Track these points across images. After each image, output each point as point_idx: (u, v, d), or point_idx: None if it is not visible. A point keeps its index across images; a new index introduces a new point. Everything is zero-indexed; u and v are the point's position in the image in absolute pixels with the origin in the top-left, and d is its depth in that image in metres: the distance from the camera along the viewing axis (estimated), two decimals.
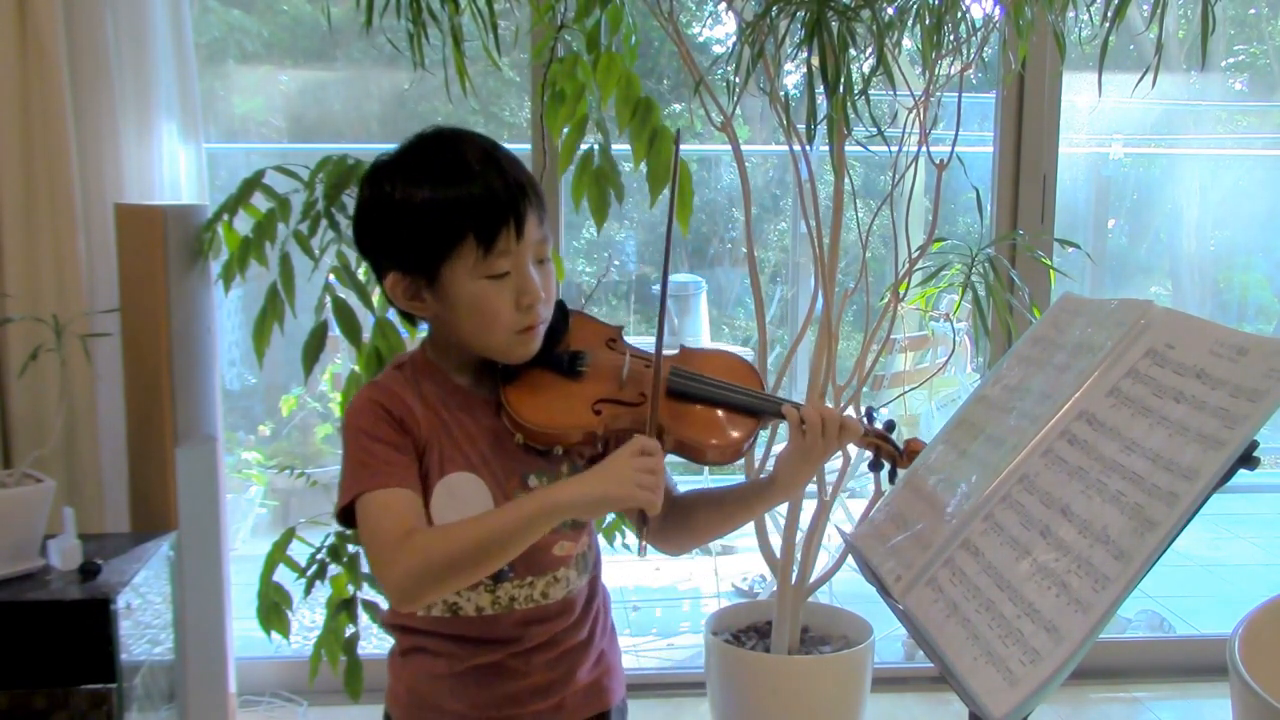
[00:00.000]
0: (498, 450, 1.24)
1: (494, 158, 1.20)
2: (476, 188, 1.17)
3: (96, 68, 2.41)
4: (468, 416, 1.25)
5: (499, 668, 1.26)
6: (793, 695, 2.29)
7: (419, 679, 1.29)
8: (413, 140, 1.24)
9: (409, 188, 1.18)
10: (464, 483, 1.22)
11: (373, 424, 1.20)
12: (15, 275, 2.40)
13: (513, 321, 1.20)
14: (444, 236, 1.17)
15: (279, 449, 4.73)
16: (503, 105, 4.90)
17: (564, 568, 1.28)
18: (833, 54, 1.98)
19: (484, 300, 1.18)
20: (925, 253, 2.32)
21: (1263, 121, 6.18)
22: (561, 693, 1.29)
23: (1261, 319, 5.90)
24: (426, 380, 1.25)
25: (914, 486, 1.29)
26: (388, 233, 1.21)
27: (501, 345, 1.22)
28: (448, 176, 1.17)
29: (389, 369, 1.28)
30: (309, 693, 2.82)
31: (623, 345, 1.32)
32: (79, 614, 1.98)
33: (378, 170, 1.23)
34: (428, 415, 1.22)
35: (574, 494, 1.13)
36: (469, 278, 1.18)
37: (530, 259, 1.20)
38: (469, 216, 1.16)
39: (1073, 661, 0.96)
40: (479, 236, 1.16)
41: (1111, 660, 3.04)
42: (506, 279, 1.18)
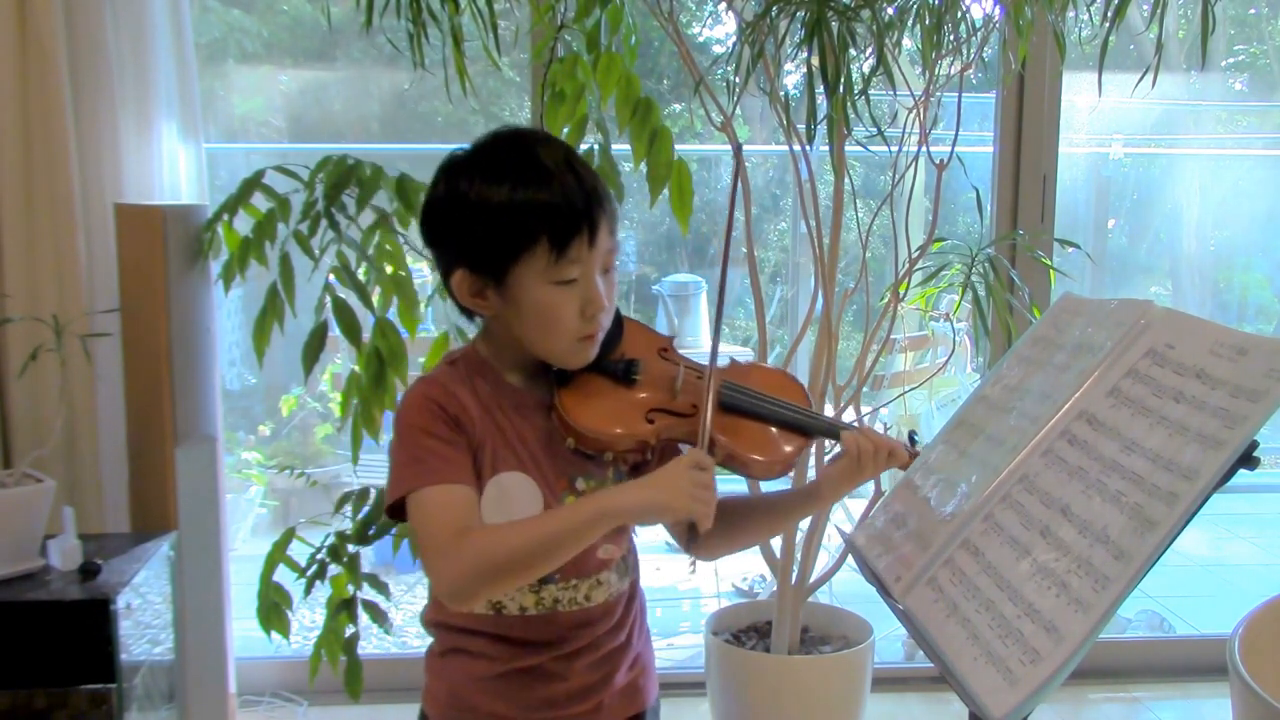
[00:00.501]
0: (548, 452, 1.25)
1: (571, 163, 1.20)
2: (554, 192, 1.17)
3: (96, 68, 2.41)
4: (519, 417, 1.25)
5: (540, 670, 1.26)
6: (793, 695, 2.29)
7: (459, 680, 1.29)
8: (489, 139, 1.23)
9: (486, 186, 1.17)
10: (515, 482, 1.23)
11: (427, 420, 1.20)
12: (15, 275, 2.40)
13: (576, 329, 1.21)
14: (517, 238, 1.16)
15: (279, 449, 4.73)
16: (503, 105, 4.90)
17: (606, 571, 1.29)
18: (833, 54, 1.98)
19: (550, 306, 1.19)
20: (925, 253, 2.32)
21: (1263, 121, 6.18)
22: (600, 695, 1.30)
23: (1261, 319, 5.89)
24: (479, 378, 1.25)
25: (914, 486, 1.29)
26: (460, 230, 1.20)
27: (561, 351, 1.23)
28: (526, 178, 1.17)
29: (442, 364, 1.28)
30: (309, 693, 2.82)
31: (674, 355, 1.33)
32: (79, 614, 1.98)
33: (453, 166, 1.22)
34: (481, 413, 1.23)
35: (631, 501, 1.14)
36: (538, 282, 1.18)
37: (598, 267, 1.20)
38: (545, 221, 1.16)
39: (1073, 661, 0.96)
40: (553, 241, 1.16)
41: (1111, 660, 3.04)
42: (573, 286, 1.19)
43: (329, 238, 2.20)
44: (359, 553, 2.35)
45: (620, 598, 1.32)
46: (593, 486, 1.27)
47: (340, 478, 4.37)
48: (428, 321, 2.70)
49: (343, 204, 2.24)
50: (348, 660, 2.35)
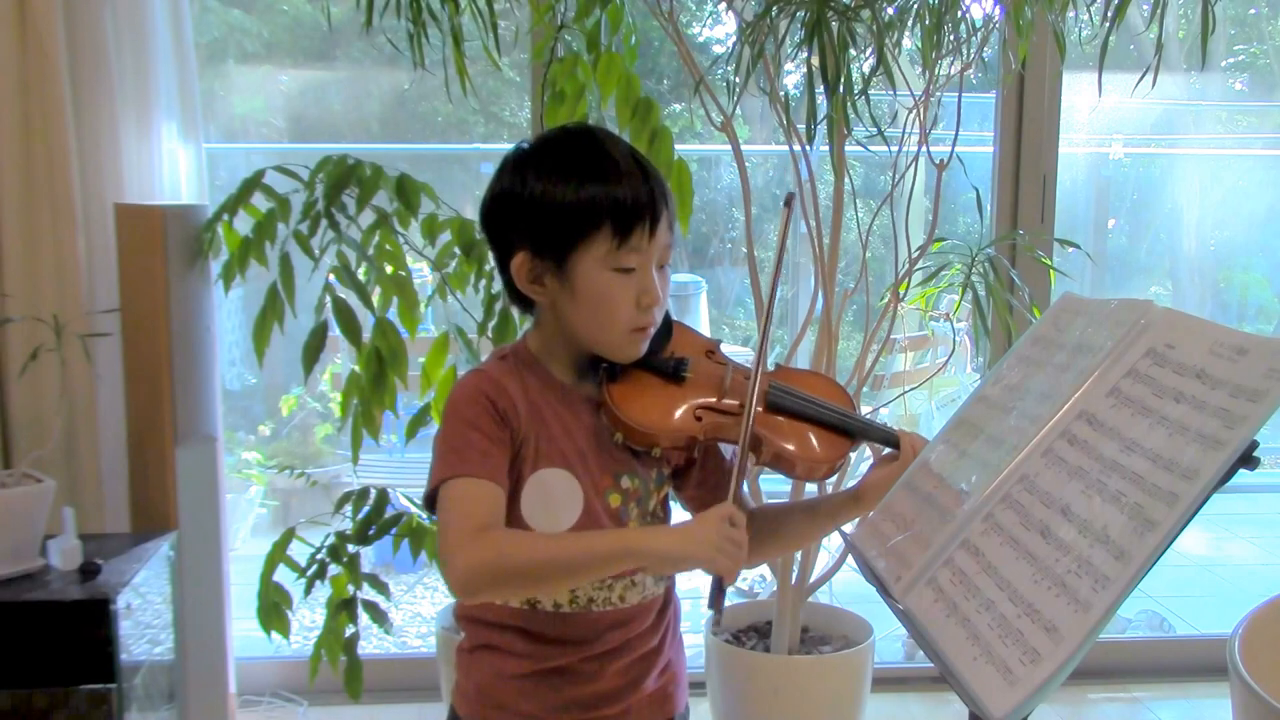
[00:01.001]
0: (594, 448, 1.26)
1: (638, 159, 1.24)
2: (621, 186, 1.20)
3: (96, 68, 2.41)
4: (567, 412, 1.26)
5: (570, 671, 1.26)
6: (793, 695, 2.29)
7: (489, 677, 1.29)
8: (559, 134, 1.27)
9: (555, 174, 1.21)
10: (556, 479, 1.24)
11: (475, 413, 1.21)
12: (15, 275, 2.40)
13: (630, 319, 1.23)
14: (582, 222, 1.19)
15: (279, 449, 4.73)
16: (503, 105, 4.90)
17: (642, 572, 1.29)
18: (833, 54, 1.98)
19: (608, 292, 1.21)
20: (925, 253, 2.32)
21: (1263, 121, 6.17)
22: (629, 699, 1.30)
23: (1261, 319, 5.89)
24: (529, 373, 1.27)
25: (913, 486, 1.29)
26: (526, 214, 1.22)
27: (614, 341, 1.25)
28: (596, 172, 1.21)
29: (493, 358, 1.30)
30: (309, 693, 2.82)
31: (721, 356, 1.35)
32: (79, 614, 1.98)
33: (521, 159, 1.25)
34: (528, 408, 1.24)
35: (658, 545, 1.16)
36: (598, 268, 1.20)
37: (655, 261, 1.23)
38: (610, 208, 1.19)
39: (1073, 661, 0.96)
40: (616, 227, 1.19)
41: (1111, 660, 3.04)
42: (631, 276, 1.21)
43: (329, 238, 2.20)
44: (359, 553, 2.35)
45: (655, 601, 1.33)
46: (636, 485, 1.28)
47: (340, 478, 4.37)
48: (428, 321, 2.70)
49: (343, 204, 2.24)
50: (348, 660, 2.35)
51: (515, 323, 2.31)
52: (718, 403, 1.28)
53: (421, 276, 2.47)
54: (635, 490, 1.29)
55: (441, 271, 2.29)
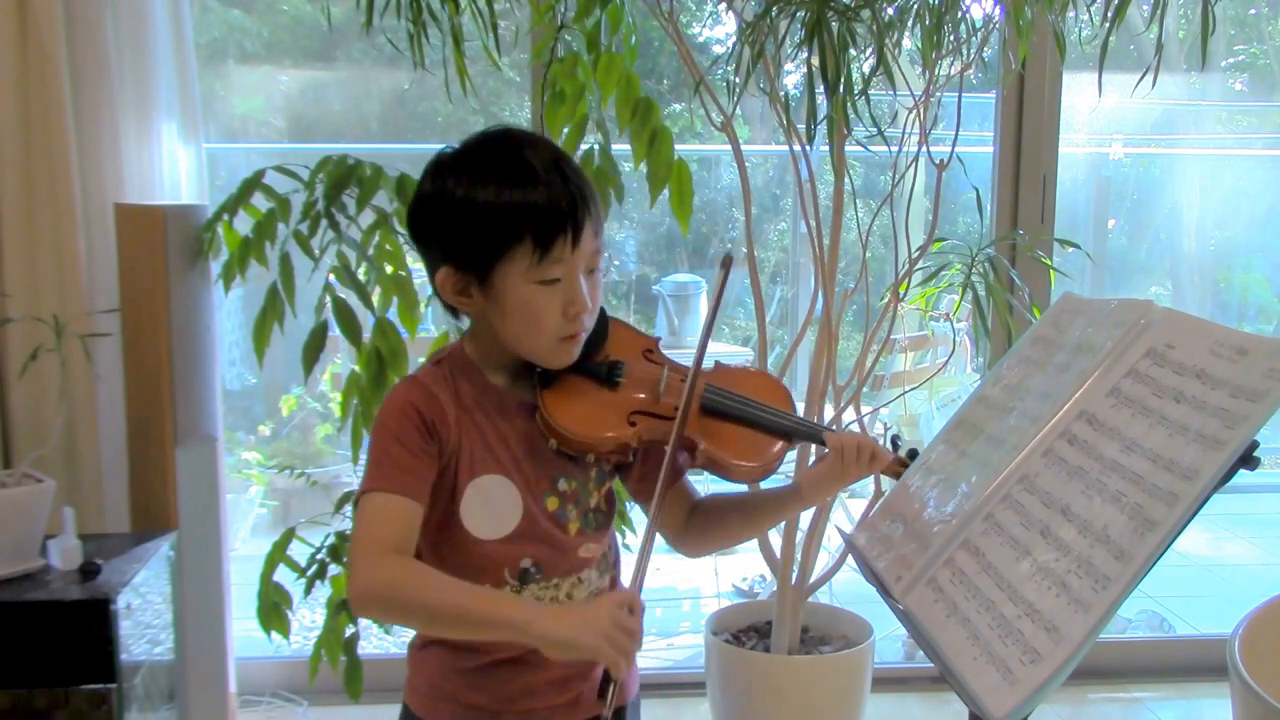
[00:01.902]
0: (530, 453, 1.26)
1: (559, 165, 1.21)
2: (540, 192, 1.18)
3: (96, 68, 2.41)
4: (501, 418, 1.26)
5: (518, 662, 1.26)
6: (793, 695, 2.29)
7: (438, 672, 1.30)
8: (479, 138, 1.24)
9: (473, 185, 1.19)
10: (494, 485, 1.23)
11: (400, 426, 1.20)
12: (15, 275, 2.40)
13: (558, 328, 1.21)
14: (501, 237, 1.17)
15: (279, 449, 4.73)
16: (503, 105, 4.90)
17: (587, 569, 1.30)
18: (833, 54, 1.98)
19: (532, 305, 1.19)
20: (925, 253, 2.32)
21: (1263, 121, 6.18)
22: (579, 687, 1.30)
23: (1261, 319, 5.90)
24: (463, 379, 1.26)
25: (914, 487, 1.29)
26: (446, 227, 1.21)
27: (543, 350, 1.24)
28: (513, 178, 1.18)
29: (429, 363, 1.29)
30: (309, 693, 2.82)
31: (660, 356, 1.34)
32: (79, 614, 1.98)
33: (441, 164, 1.23)
34: (461, 416, 1.23)
35: (549, 628, 1.12)
36: (521, 280, 1.19)
37: (582, 268, 1.21)
38: (529, 220, 1.17)
39: (1073, 661, 0.96)
40: (536, 241, 1.17)
41: (1111, 660, 3.04)
42: (556, 286, 1.20)
43: (329, 238, 2.20)
44: None
45: (600, 594, 1.32)
46: (574, 487, 1.28)
47: (340, 478, 4.37)
48: (428, 321, 2.70)
49: (343, 204, 2.24)
50: (348, 660, 2.35)
51: None
52: (652, 406, 1.27)
53: (421, 276, 2.46)
54: (573, 492, 1.28)
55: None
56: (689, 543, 1.38)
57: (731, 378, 1.34)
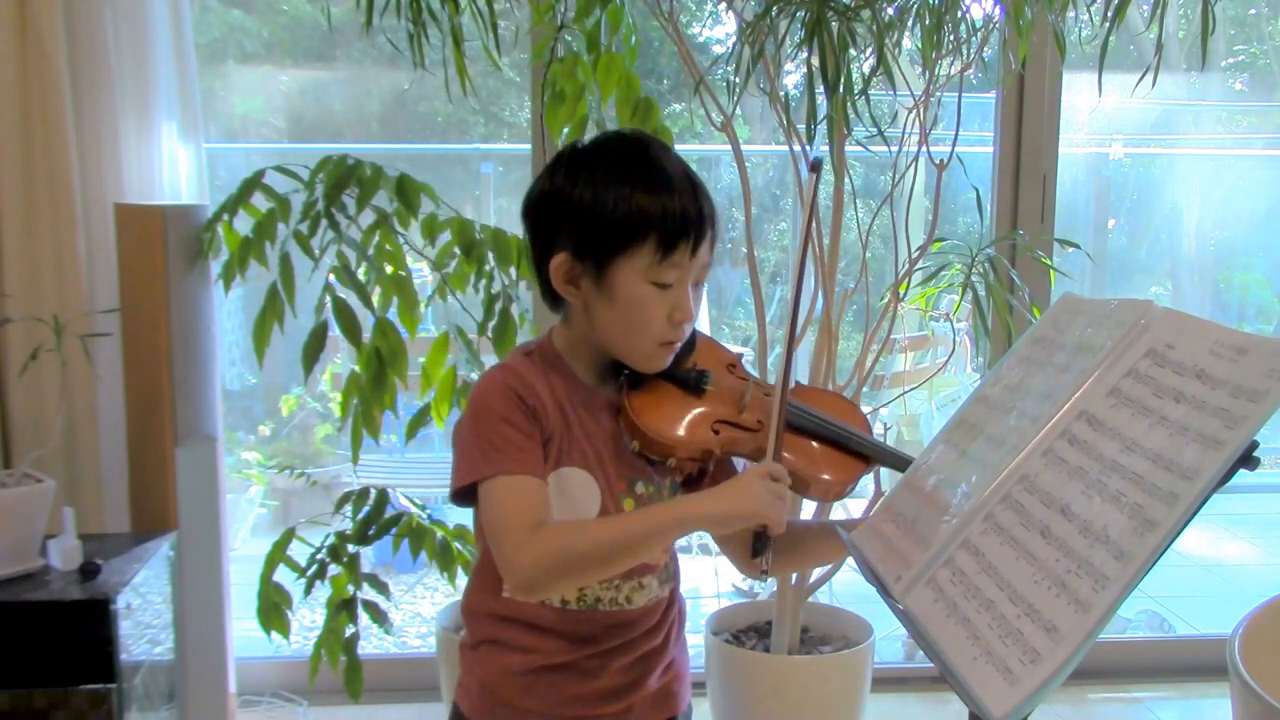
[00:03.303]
0: (613, 453, 1.27)
1: (690, 177, 1.24)
2: (672, 198, 1.20)
3: (96, 68, 2.41)
4: (588, 414, 1.27)
5: (572, 668, 1.27)
6: (793, 695, 2.29)
7: (493, 673, 1.30)
8: (615, 138, 1.27)
9: (607, 181, 1.21)
10: (576, 478, 1.25)
11: (507, 408, 1.21)
12: (15, 275, 2.40)
13: (660, 332, 1.24)
14: (629, 232, 1.20)
15: (279, 449, 4.73)
16: (503, 105, 4.90)
17: (649, 575, 1.30)
18: (833, 54, 1.98)
19: (642, 304, 1.22)
20: (925, 253, 2.32)
21: (1263, 121, 6.18)
22: (631, 697, 1.30)
23: (1261, 319, 5.89)
24: (554, 372, 1.27)
25: (914, 486, 1.29)
26: (573, 216, 1.22)
27: (642, 353, 1.25)
28: (649, 180, 1.21)
29: (518, 354, 1.30)
30: (309, 693, 2.82)
31: (743, 371, 1.36)
32: (79, 614, 1.98)
33: (574, 159, 1.25)
34: (555, 408, 1.25)
35: (708, 507, 1.17)
36: (637, 278, 1.21)
37: (692, 279, 1.24)
38: (658, 221, 1.19)
39: (1073, 662, 0.96)
40: (660, 241, 1.20)
41: (1111, 660, 3.04)
42: (668, 291, 1.22)
43: (329, 238, 2.20)
44: (359, 553, 2.35)
45: (659, 604, 1.33)
46: (651, 492, 1.29)
47: (340, 478, 4.37)
48: (428, 321, 2.70)
49: (343, 204, 2.24)
50: (348, 660, 2.35)
51: (515, 323, 2.31)
52: (736, 418, 1.29)
53: (421, 276, 2.47)
54: (649, 497, 1.29)
55: (441, 271, 2.29)
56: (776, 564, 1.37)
57: (813, 397, 1.37)
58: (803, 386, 1.40)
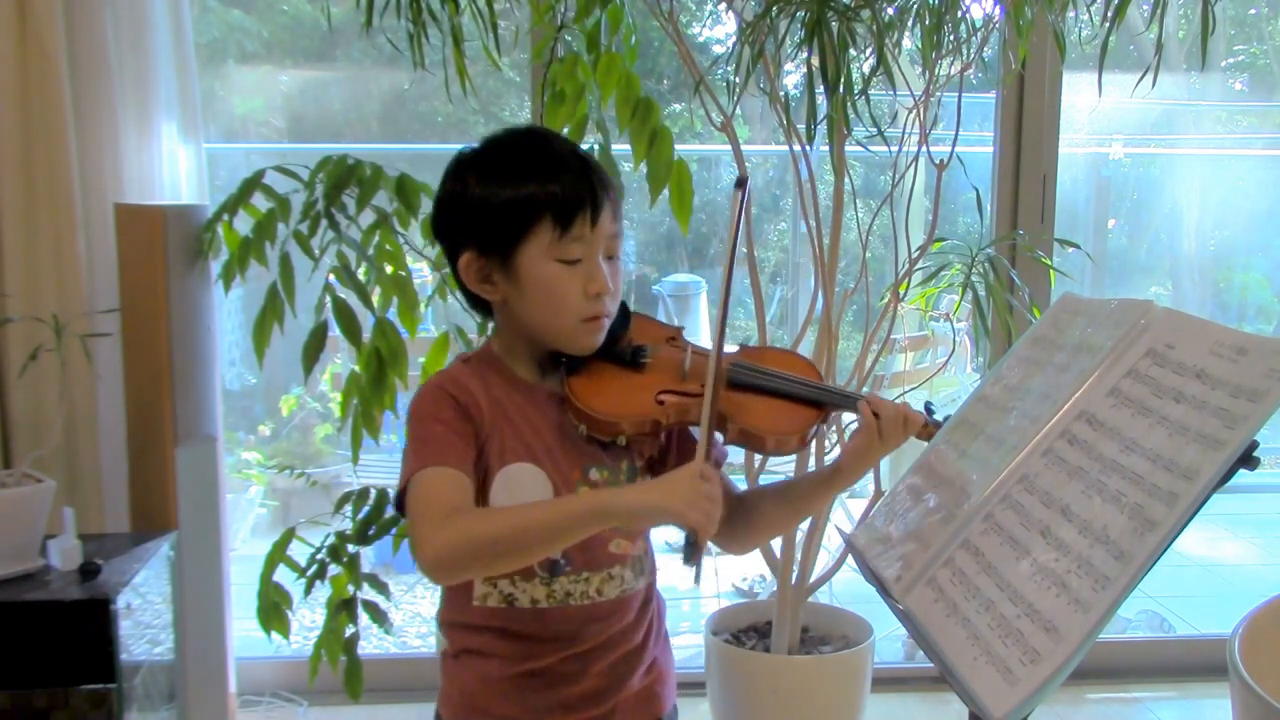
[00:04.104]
0: (562, 442, 1.27)
1: (581, 155, 1.27)
2: (560, 177, 1.22)
3: (96, 68, 2.41)
4: (532, 409, 1.27)
5: (553, 672, 1.27)
6: (793, 695, 2.29)
7: (471, 682, 1.29)
8: (502, 134, 1.29)
9: (495, 175, 1.23)
10: (524, 473, 1.25)
11: (435, 407, 1.23)
12: (15, 275, 2.40)
13: (580, 309, 1.24)
14: (523, 216, 1.21)
15: (279, 449, 4.73)
16: (503, 105, 4.90)
17: (619, 566, 1.30)
18: (833, 54, 1.98)
19: (555, 283, 1.22)
20: (925, 253, 2.32)
21: (1263, 121, 6.18)
22: (614, 699, 1.30)
23: (1261, 319, 5.89)
24: (492, 373, 1.28)
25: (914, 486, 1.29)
26: (470, 215, 1.24)
27: (567, 332, 1.26)
28: (534, 165, 1.23)
29: (455, 363, 1.31)
30: (309, 693, 2.82)
31: (683, 342, 1.36)
32: (79, 614, 1.98)
33: (463, 162, 1.27)
34: (492, 406, 1.25)
35: (629, 500, 1.15)
36: (542, 259, 1.22)
37: (601, 251, 1.24)
38: (550, 200, 1.21)
39: (1073, 661, 0.96)
40: (556, 218, 1.21)
41: (1111, 660, 3.04)
42: (578, 267, 1.23)
43: (329, 238, 2.20)
44: (359, 553, 2.35)
45: (634, 596, 1.32)
46: (606, 477, 1.28)
47: (340, 478, 4.37)
48: (428, 321, 2.70)
49: (343, 204, 2.24)
50: (348, 660, 2.35)
51: None
52: (680, 386, 1.28)
53: (421, 276, 2.47)
54: (605, 482, 1.29)
55: (441, 271, 2.29)
56: (735, 537, 1.38)
57: (758, 355, 1.36)
58: (748, 347, 1.38)
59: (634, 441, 1.30)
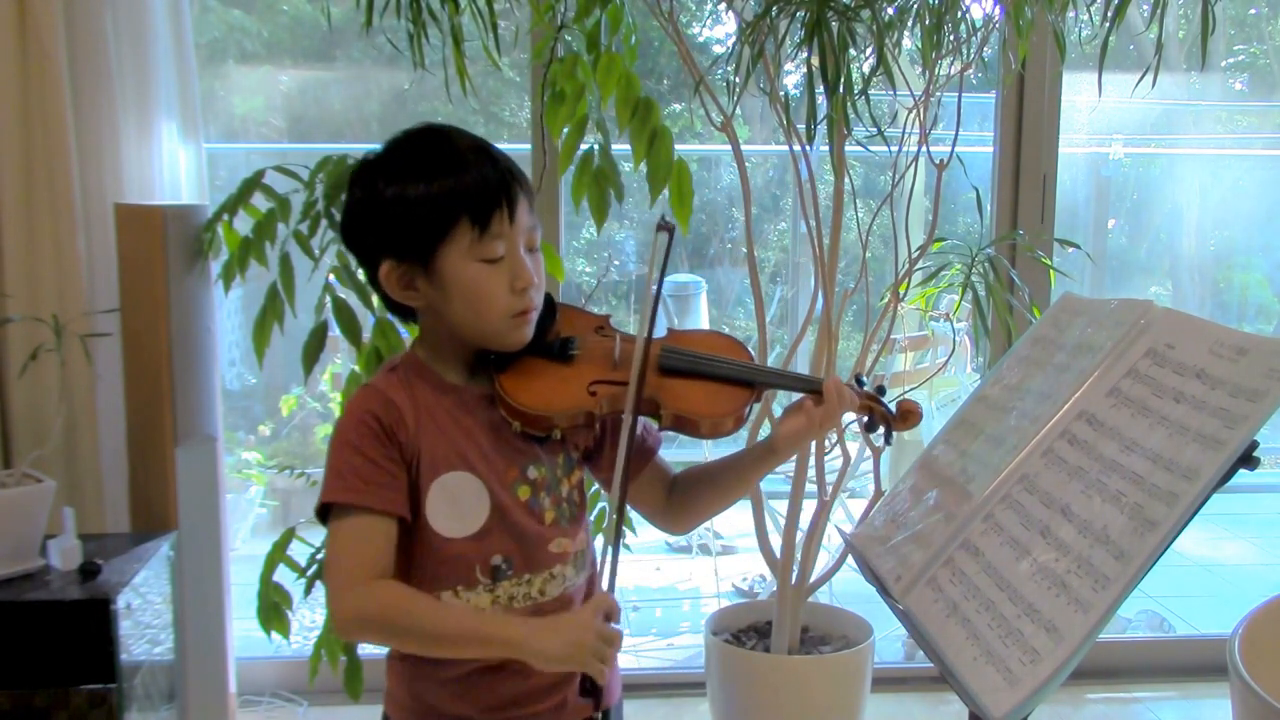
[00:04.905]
0: (496, 445, 1.26)
1: (484, 148, 1.24)
2: (470, 174, 1.20)
3: (96, 68, 2.41)
4: (463, 414, 1.26)
5: (503, 669, 1.26)
6: (793, 695, 2.29)
7: (420, 682, 1.29)
8: (401, 137, 1.26)
9: (404, 179, 1.21)
10: (459, 481, 1.24)
11: (359, 436, 1.21)
12: (15, 275, 2.40)
13: (507, 305, 1.22)
14: (439, 220, 1.19)
15: (279, 449, 4.73)
16: (503, 105, 4.90)
17: (560, 565, 1.29)
18: (833, 54, 1.98)
19: (479, 283, 1.21)
20: (925, 253, 2.32)
21: (1263, 121, 6.18)
22: (564, 692, 1.29)
23: (1261, 319, 5.89)
24: (419, 381, 1.26)
25: (915, 486, 1.29)
26: (383, 223, 1.22)
27: (496, 330, 1.24)
28: (442, 166, 1.20)
29: (382, 371, 1.29)
30: (309, 693, 2.82)
31: (611, 330, 1.35)
32: (79, 614, 1.98)
33: (368, 167, 1.25)
34: (419, 417, 1.23)
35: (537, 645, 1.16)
36: (464, 260, 1.20)
37: (522, 245, 1.23)
38: (464, 200, 1.19)
39: (1073, 661, 0.97)
40: (473, 218, 1.19)
41: (1111, 660, 3.04)
42: (500, 264, 1.21)
43: (329, 238, 2.20)
44: None
45: (577, 592, 1.32)
46: (544, 474, 1.28)
47: None
48: None
49: (343, 204, 2.23)
50: (348, 660, 2.35)
51: None
52: (610, 374, 1.28)
53: None
54: (543, 479, 1.28)
55: None
56: (673, 518, 1.40)
57: (686, 339, 1.35)
58: (676, 331, 1.37)
59: (568, 434, 1.31)
